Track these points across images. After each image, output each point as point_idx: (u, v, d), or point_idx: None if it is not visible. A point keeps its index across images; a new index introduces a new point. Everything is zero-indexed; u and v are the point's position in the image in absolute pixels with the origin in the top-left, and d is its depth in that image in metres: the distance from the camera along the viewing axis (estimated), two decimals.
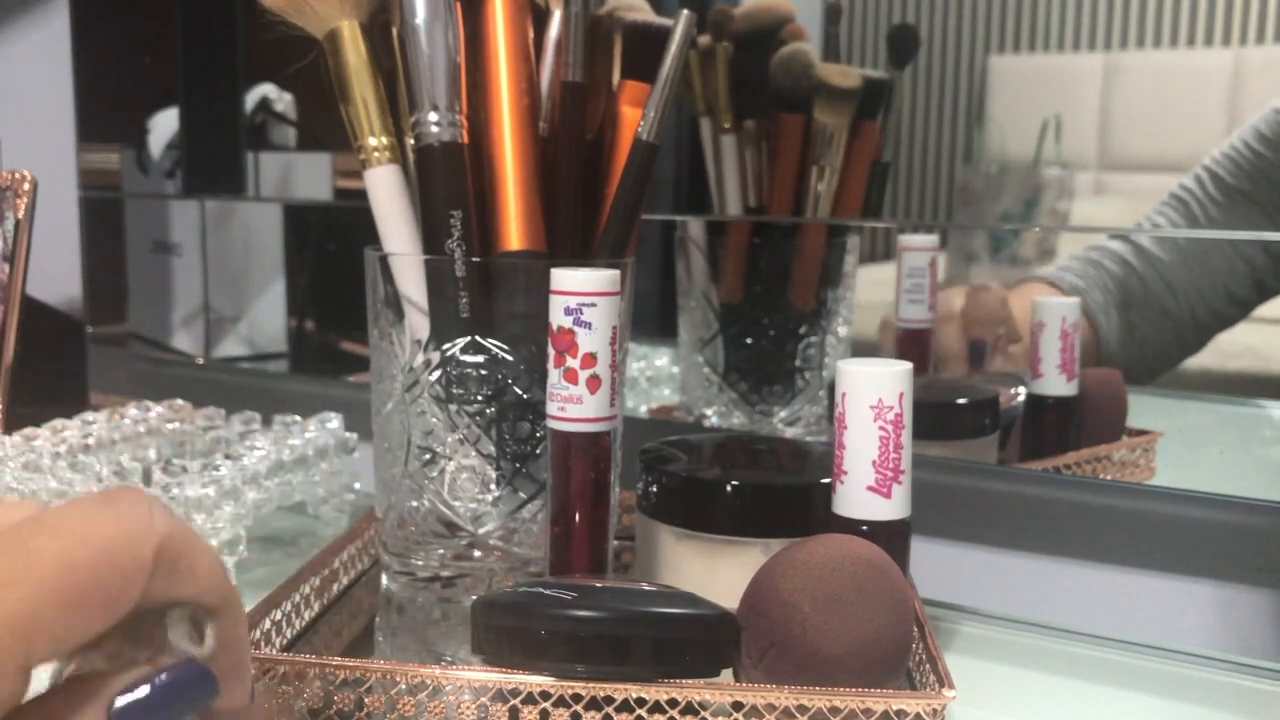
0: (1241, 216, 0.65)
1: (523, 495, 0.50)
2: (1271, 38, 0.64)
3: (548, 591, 0.41)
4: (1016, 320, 0.71)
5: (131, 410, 0.72)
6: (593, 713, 0.40)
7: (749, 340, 0.76)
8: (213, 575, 0.28)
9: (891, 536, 0.44)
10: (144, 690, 0.27)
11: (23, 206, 0.69)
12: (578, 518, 0.45)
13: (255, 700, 0.31)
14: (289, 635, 0.50)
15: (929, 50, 0.72)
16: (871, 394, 0.44)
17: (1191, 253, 0.68)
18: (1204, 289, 0.67)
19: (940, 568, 0.62)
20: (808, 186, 0.73)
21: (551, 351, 0.44)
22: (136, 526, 0.26)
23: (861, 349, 0.77)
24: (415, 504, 0.51)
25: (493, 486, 0.50)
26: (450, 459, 0.50)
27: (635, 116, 0.51)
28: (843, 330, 0.75)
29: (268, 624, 0.47)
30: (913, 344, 0.71)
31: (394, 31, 0.50)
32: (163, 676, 0.28)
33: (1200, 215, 0.66)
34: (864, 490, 0.45)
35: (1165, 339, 0.68)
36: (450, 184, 0.48)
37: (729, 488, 0.49)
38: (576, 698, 0.40)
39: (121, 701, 0.27)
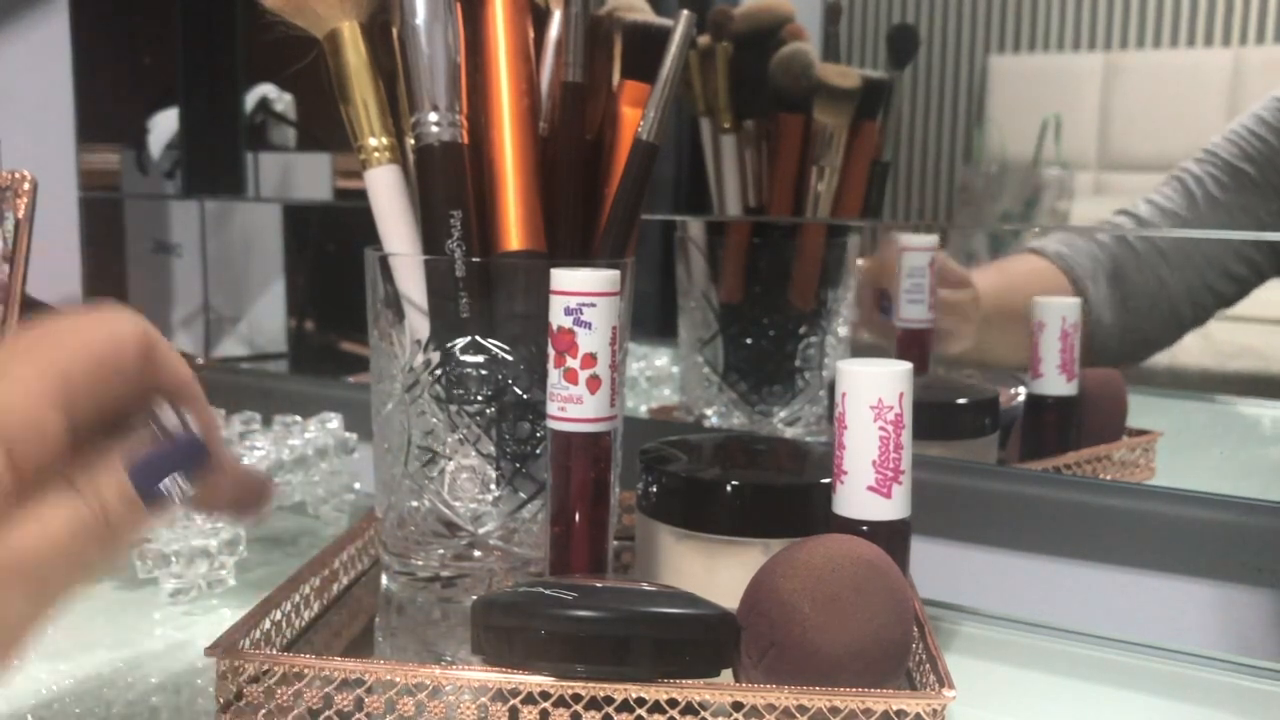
0: (1239, 194, 0.65)
1: (523, 495, 0.50)
2: (1271, 38, 0.64)
3: (548, 591, 0.41)
4: (953, 268, 0.71)
5: None
6: (593, 713, 0.40)
7: (749, 340, 0.76)
8: (183, 368, 0.37)
9: (891, 536, 0.44)
10: (152, 452, 0.34)
11: (23, 206, 0.69)
12: (578, 518, 0.45)
13: (231, 473, 0.38)
14: (289, 635, 0.50)
15: (929, 50, 0.72)
16: (871, 394, 0.44)
17: (1187, 224, 0.68)
18: (1199, 263, 0.67)
19: (940, 568, 0.62)
20: (808, 186, 0.73)
21: (551, 351, 0.44)
22: (124, 323, 0.35)
23: (862, 349, 0.77)
24: (415, 504, 0.51)
25: (493, 486, 0.50)
26: (450, 459, 0.50)
27: (635, 116, 0.51)
28: (843, 330, 0.75)
29: (268, 624, 0.47)
30: (913, 344, 0.71)
31: (394, 31, 0.50)
32: (165, 442, 0.35)
33: (1198, 192, 0.66)
34: (864, 490, 0.45)
35: (1161, 311, 0.68)
36: (450, 184, 0.48)
37: (729, 488, 0.49)
38: (576, 698, 0.40)
39: (137, 462, 0.34)
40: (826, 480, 0.47)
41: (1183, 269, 0.67)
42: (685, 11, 0.50)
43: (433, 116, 0.48)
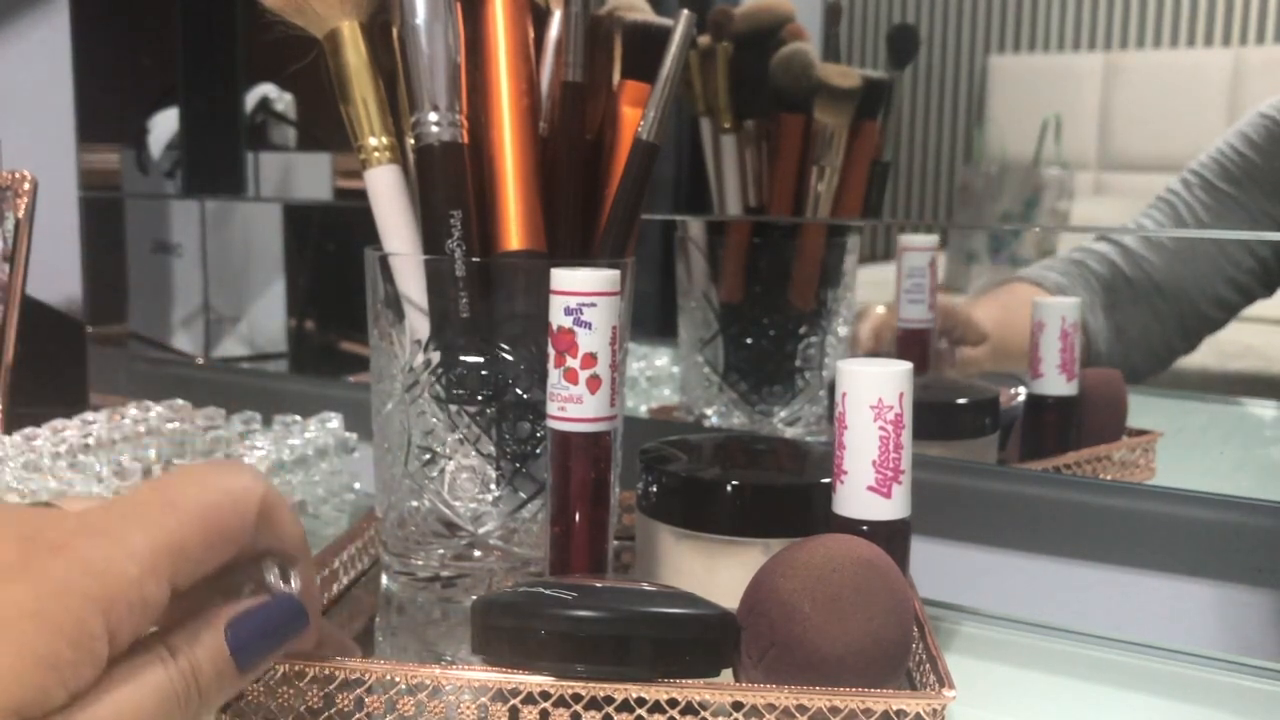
0: (1228, 219, 0.65)
1: (523, 495, 0.50)
2: (1271, 38, 0.64)
3: (548, 591, 0.41)
4: (975, 323, 0.71)
5: (131, 410, 0.72)
6: (593, 713, 0.40)
7: (749, 340, 0.76)
8: (296, 530, 0.36)
9: (891, 536, 0.44)
10: (252, 619, 0.34)
11: (23, 206, 0.69)
12: (578, 518, 0.45)
13: (325, 640, 0.39)
14: None
15: (929, 50, 0.72)
16: (871, 394, 0.44)
17: (1178, 254, 0.68)
18: (1191, 291, 0.67)
19: (940, 568, 0.62)
20: (808, 186, 0.73)
21: (551, 351, 0.44)
22: (247, 483, 0.34)
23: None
24: (415, 504, 0.51)
25: (493, 486, 0.50)
26: (450, 459, 0.50)
27: (635, 116, 0.51)
28: (843, 330, 0.75)
29: None
30: (913, 344, 0.71)
31: (394, 31, 0.50)
32: (266, 609, 0.35)
33: (1188, 217, 0.66)
34: (864, 490, 0.45)
35: (1153, 340, 0.68)
36: (450, 184, 0.48)
37: (729, 488, 0.49)
38: (576, 698, 0.40)
39: (235, 628, 0.34)
40: (826, 480, 0.47)
41: (1174, 299, 0.67)
42: (685, 11, 0.50)
43: (433, 116, 0.48)
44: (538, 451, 0.50)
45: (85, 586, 0.29)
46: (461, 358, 0.49)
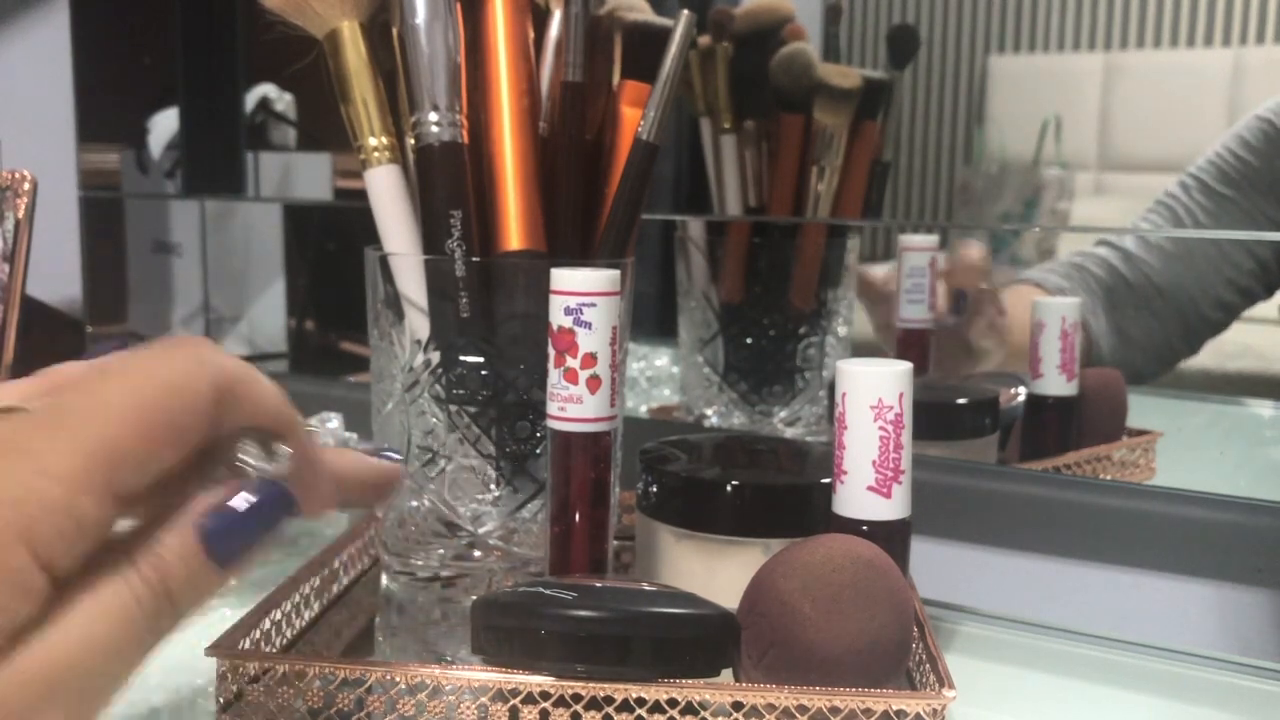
0: (1227, 221, 0.65)
1: (523, 495, 0.50)
2: (1271, 38, 0.64)
3: (548, 591, 0.41)
4: (995, 289, 0.71)
5: None
6: (593, 713, 0.40)
7: (749, 340, 0.76)
8: (271, 401, 0.32)
9: (891, 536, 0.44)
10: (229, 509, 0.30)
11: (23, 206, 0.69)
12: (578, 518, 0.45)
13: (359, 496, 0.36)
14: (289, 635, 0.50)
15: (929, 50, 0.72)
16: (871, 394, 0.44)
17: (1178, 257, 0.68)
18: (1192, 293, 0.67)
19: (940, 568, 0.62)
20: (808, 186, 0.73)
21: (551, 351, 0.44)
22: (191, 365, 0.30)
23: (862, 349, 0.77)
24: (415, 504, 0.51)
25: (493, 486, 0.50)
26: (450, 459, 0.50)
27: (635, 116, 0.51)
28: (843, 330, 0.75)
29: (268, 624, 0.47)
30: (913, 344, 0.71)
31: (394, 31, 0.50)
32: (244, 495, 0.31)
33: (1187, 220, 0.66)
34: (864, 490, 0.45)
35: (1155, 343, 0.69)
36: (450, 184, 0.48)
37: (729, 488, 0.49)
38: (576, 698, 0.40)
39: (206, 519, 0.30)
40: (826, 480, 0.47)
41: (1175, 301, 0.68)
42: (685, 11, 0.50)
43: (433, 116, 0.48)
44: (538, 451, 0.50)
45: None
46: (461, 358, 0.49)
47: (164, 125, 1.02)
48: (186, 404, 0.29)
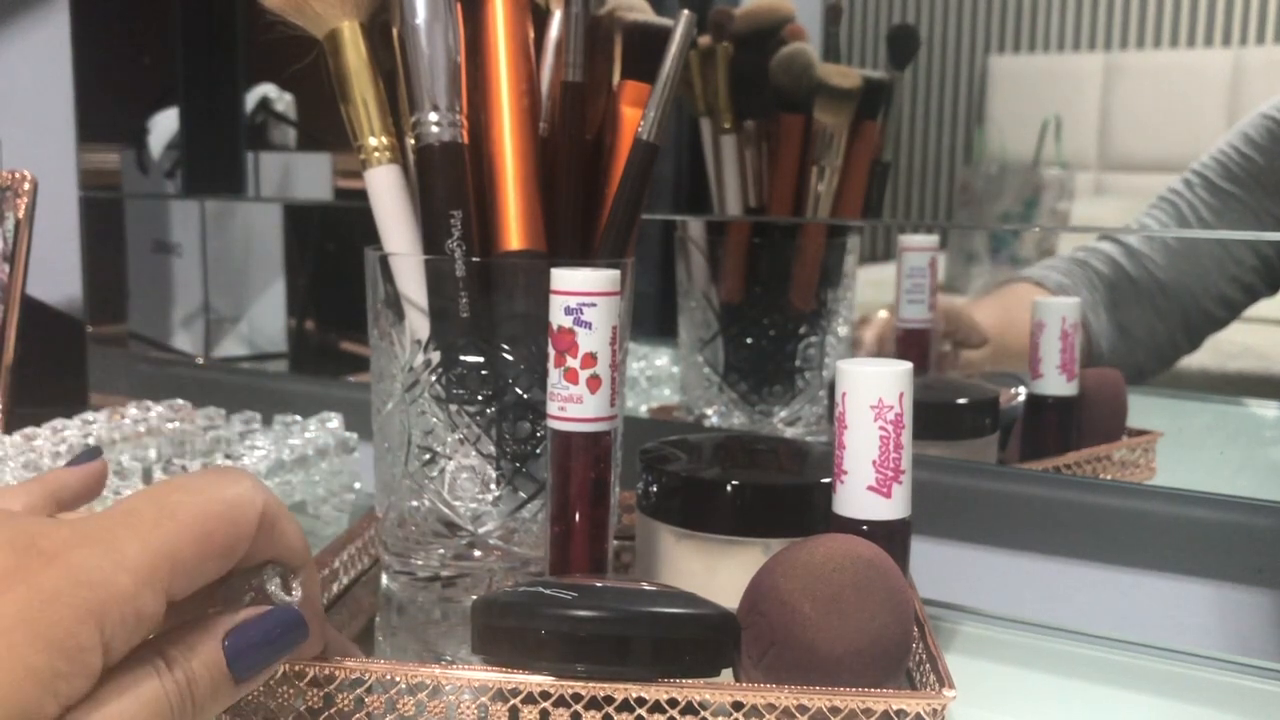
0: (1230, 218, 0.65)
1: (523, 495, 0.50)
2: (1271, 38, 0.64)
3: (548, 591, 0.41)
4: (977, 326, 0.72)
5: (131, 410, 0.72)
6: (593, 713, 0.40)
7: (749, 340, 0.76)
8: (298, 539, 0.36)
9: (891, 536, 0.44)
10: (251, 629, 0.34)
11: (23, 206, 0.69)
12: (578, 517, 0.45)
13: (328, 646, 0.40)
14: None
15: (929, 50, 0.72)
16: (871, 394, 0.44)
17: (1182, 253, 0.68)
18: (1195, 289, 0.67)
19: (940, 568, 0.62)
20: (808, 186, 0.73)
21: (551, 351, 0.44)
22: (246, 493, 0.34)
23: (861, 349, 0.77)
24: (415, 504, 0.51)
25: (493, 486, 0.50)
26: (450, 459, 0.50)
27: (635, 116, 0.51)
28: (843, 330, 0.75)
29: None
30: (913, 344, 0.71)
31: (394, 31, 0.50)
32: (265, 619, 0.35)
33: (1190, 217, 0.66)
34: (864, 490, 0.45)
35: (1158, 340, 0.68)
36: (450, 184, 0.48)
37: (729, 488, 0.49)
38: (576, 698, 0.40)
39: (233, 638, 0.33)
40: (826, 480, 0.47)
41: (1177, 297, 0.67)
42: (685, 11, 0.50)
43: (433, 116, 0.48)
44: (538, 451, 0.50)
45: (77, 597, 0.29)
46: (461, 358, 0.49)
47: (164, 125, 1.02)
48: (239, 525, 0.33)
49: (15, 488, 0.38)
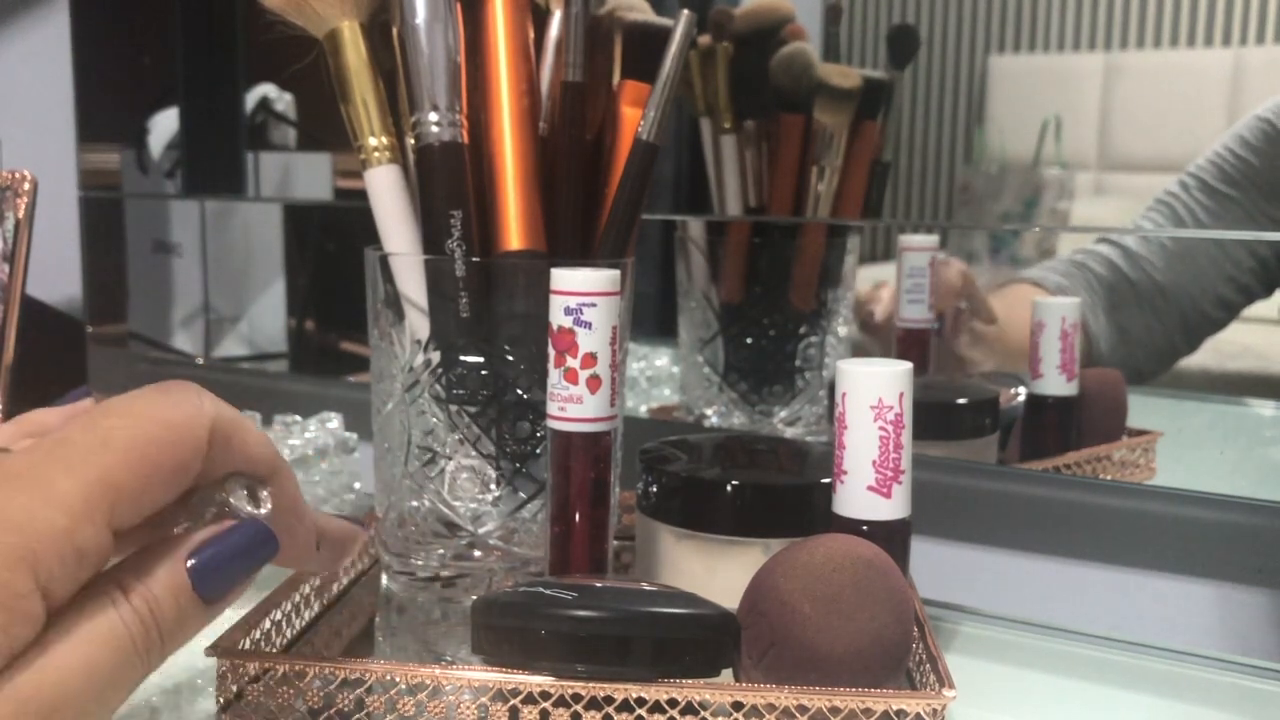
0: (1227, 221, 0.65)
1: (523, 495, 0.50)
2: (1271, 38, 0.64)
3: (548, 591, 0.41)
4: (984, 300, 0.71)
5: None
6: (593, 713, 0.40)
7: (749, 340, 0.76)
8: (260, 448, 0.34)
9: (891, 536, 0.44)
10: (215, 546, 0.32)
11: (23, 206, 0.69)
12: (578, 518, 0.45)
13: (321, 551, 0.37)
14: (289, 635, 0.50)
15: (929, 50, 0.72)
16: (871, 394, 0.44)
17: (1179, 255, 0.68)
18: (1193, 291, 0.67)
19: (940, 568, 0.62)
20: (808, 186, 0.73)
21: (551, 351, 0.44)
22: (190, 410, 0.31)
23: (862, 349, 0.77)
24: (415, 504, 0.51)
25: (493, 486, 0.50)
26: (450, 459, 0.50)
27: (635, 116, 0.51)
28: (843, 330, 0.75)
29: (268, 624, 0.47)
30: (913, 344, 0.71)
31: (394, 31, 0.50)
32: (230, 535, 0.33)
33: (1187, 219, 0.66)
34: (864, 490, 0.45)
35: (1156, 341, 0.69)
36: (450, 184, 0.48)
37: (729, 488, 0.49)
38: (576, 698, 0.40)
39: (196, 556, 0.32)
40: (826, 480, 0.47)
41: (1175, 299, 0.68)
42: (685, 11, 0.50)
43: (433, 116, 0.48)
44: (538, 451, 0.50)
45: (3, 544, 0.27)
46: (461, 358, 0.49)
47: (164, 125, 1.02)
48: (184, 445, 0.31)
49: None
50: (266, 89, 1.00)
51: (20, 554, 0.27)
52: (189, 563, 0.32)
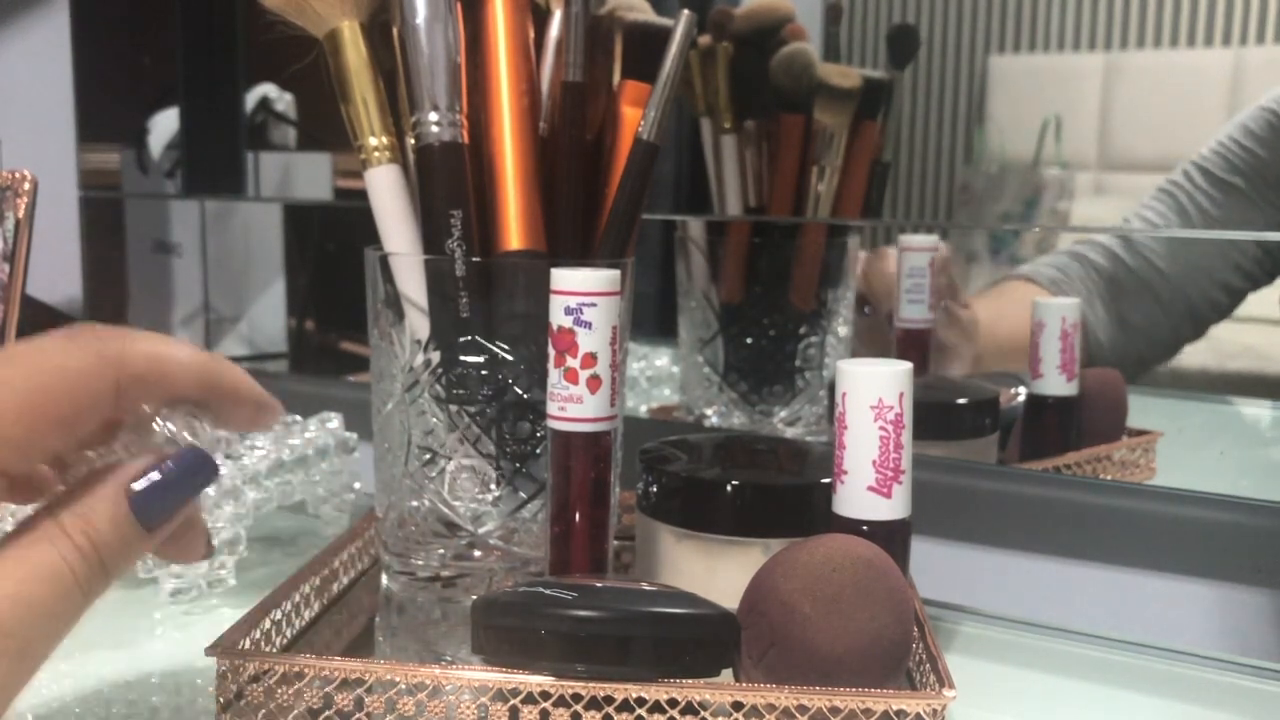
0: (1231, 208, 0.65)
1: (523, 495, 0.50)
2: (1271, 38, 0.64)
3: (548, 591, 0.41)
4: (955, 285, 0.71)
5: None
6: (593, 713, 0.40)
7: (749, 340, 0.76)
8: (186, 373, 0.34)
9: (891, 536, 0.44)
10: (155, 474, 0.32)
11: (23, 206, 0.69)
12: (578, 518, 0.45)
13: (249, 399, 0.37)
14: (289, 635, 0.50)
15: (929, 50, 0.72)
16: (871, 394, 0.44)
17: (1182, 243, 0.68)
18: (1197, 276, 0.67)
19: (940, 568, 0.62)
20: (808, 186, 0.73)
21: (551, 351, 0.44)
22: (88, 358, 0.31)
23: (860, 336, 0.77)
24: (415, 504, 0.51)
25: (493, 486, 0.50)
26: (450, 459, 0.50)
27: (635, 116, 0.51)
28: (843, 330, 0.75)
29: (268, 624, 0.47)
30: (913, 344, 0.71)
31: (394, 31, 0.50)
32: (169, 462, 0.33)
33: (1190, 208, 0.66)
34: (864, 490, 0.45)
35: (1160, 329, 0.68)
36: (450, 184, 0.48)
37: (729, 488, 0.49)
38: (576, 698, 0.40)
39: (137, 485, 0.32)
40: (826, 480, 0.47)
41: (1180, 286, 0.68)
42: (685, 11, 0.50)
43: (433, 116, 0.48)
44: (538, 451, 0.50)
45: None
46: (461, 358, 0.49)
47: (164, 125, 1.02)
48: (79, 392, 0.31)
49: None
50: (266, 89, 1.00)
51: None
52: (130, 490, 0.32)
